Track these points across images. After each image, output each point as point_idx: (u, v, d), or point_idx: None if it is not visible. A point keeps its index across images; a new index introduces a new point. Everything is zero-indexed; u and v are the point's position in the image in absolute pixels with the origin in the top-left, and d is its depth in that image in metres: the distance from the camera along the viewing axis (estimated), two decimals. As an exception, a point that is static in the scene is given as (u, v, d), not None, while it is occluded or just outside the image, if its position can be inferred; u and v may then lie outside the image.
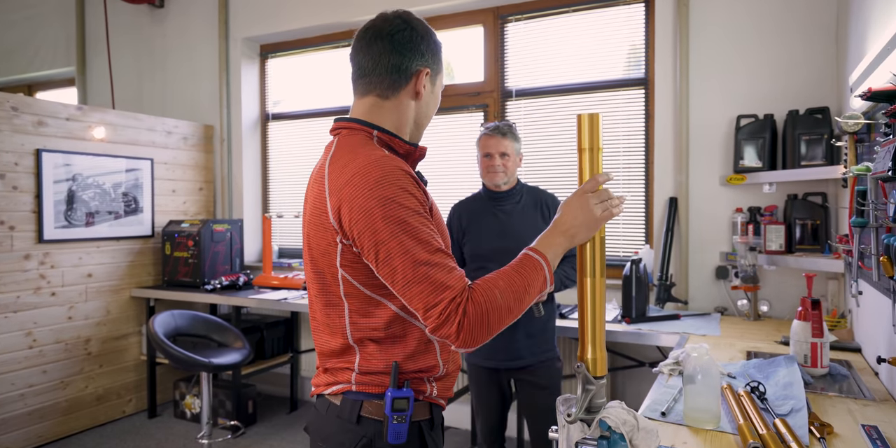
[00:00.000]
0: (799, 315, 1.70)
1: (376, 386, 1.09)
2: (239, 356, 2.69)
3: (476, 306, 0.95)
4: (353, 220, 1.00)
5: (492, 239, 2.13)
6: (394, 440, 1.06)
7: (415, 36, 1.14)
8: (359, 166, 1.02)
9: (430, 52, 1.16)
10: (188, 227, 3.68)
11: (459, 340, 0.95)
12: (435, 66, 1.18)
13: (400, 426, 1.06)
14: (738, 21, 2.75)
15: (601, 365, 1.02)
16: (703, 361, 1.31)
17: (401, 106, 1.15)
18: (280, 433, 3.36)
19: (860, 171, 1.53)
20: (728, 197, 2.77)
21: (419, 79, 1.15)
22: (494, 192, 2.18)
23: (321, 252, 1.08)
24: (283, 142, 4.19)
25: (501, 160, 2.11)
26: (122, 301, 3.61)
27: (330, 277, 1.09)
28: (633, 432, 0.97)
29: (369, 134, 1.12)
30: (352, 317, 1.09)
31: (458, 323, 0.94)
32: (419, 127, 1.21)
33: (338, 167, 1.05)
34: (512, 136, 2.14)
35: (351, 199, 1.00)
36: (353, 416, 1.09)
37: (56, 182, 3.24)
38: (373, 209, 0.98)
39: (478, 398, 2.26)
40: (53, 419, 3.24)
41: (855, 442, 1.21)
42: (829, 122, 2.45)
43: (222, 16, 4.11)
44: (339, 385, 1.11)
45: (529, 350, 2.12)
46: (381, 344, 1.09)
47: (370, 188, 0.99)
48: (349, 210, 1.00)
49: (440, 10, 3.47)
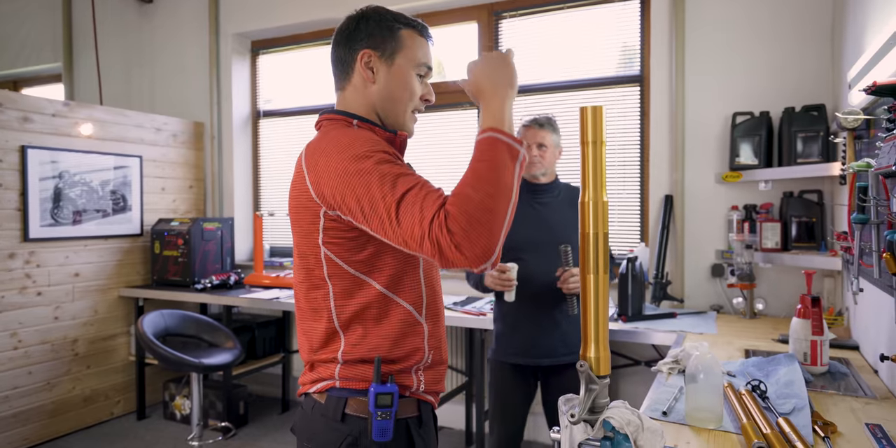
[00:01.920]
0: (798, 313, 1.69)
1: (360, 381, 1.07)
2: (230, 356, 2.65)
3: (454, 219, 0.88)
4: (333, 186, 1.00)
5: (526, 230, 2.09)
6: (378, 438, 1.04)
7: (358, 24, 1.16)
8: (329, 139, 1.05)
9: (374, 33, 1.15)
10: (178, 226, 3.62)
11: (466, 258, 0.89)
12: (384, 45, 1.15)
13: (385, 423, 1.04)
14: (734, 18, 2.74)
15: (604, 364, 0.99)
16: (705, 360, 1.29)
17: (355, 93, 1.16)
18: (272, 434, 3.31)
19: (861, 168, 1.51)
20: (724, 194, 2.76)
21: (360, 61, 1.14)
22: (533, 184, 2.16)
23: (304, 234, 1.09)
24: (274, 139, 4.14)
25: (538, 151, 2.10)
26: (110, 301, 3.55)
27: (313, 260, 1.08)
28: (637, 433, 0.94)
29: (349, 123, 1.14)
30: (336, 299, 1.08)
31: (450, 245, 0.88)
32: (388, 112, 1.16)
33: (311, 147, 1.08)
34: (550, 127, 2.13)
35: (326, 167, 1.01)
36: (337, 413, 1.07)
37: (42, 179, 3.17)
38: (346, 168, 0.98)
39: (502, 400, 2.16)
40: (39, 421, 3.18)
41: (860, 441, 1.19)
42: (826, 119, 2.44)
43: (213, 11, 4.06)
44: (324, 382, 1.10)
45: (564, 348, 2.08)
46: (365, 326, 1.08)
47: (340, 151, 1.01)
48: (327, 178, 1.01)
49: (434, 7, 3.43)
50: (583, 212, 1.04)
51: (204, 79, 4.13)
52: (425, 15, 3.46)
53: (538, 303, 2.06)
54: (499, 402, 2.18)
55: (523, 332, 2.09)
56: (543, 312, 2.07)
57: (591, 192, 1.02)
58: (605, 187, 1.03)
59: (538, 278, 2.04)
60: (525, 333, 2.09)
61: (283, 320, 3.73)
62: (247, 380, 3.82)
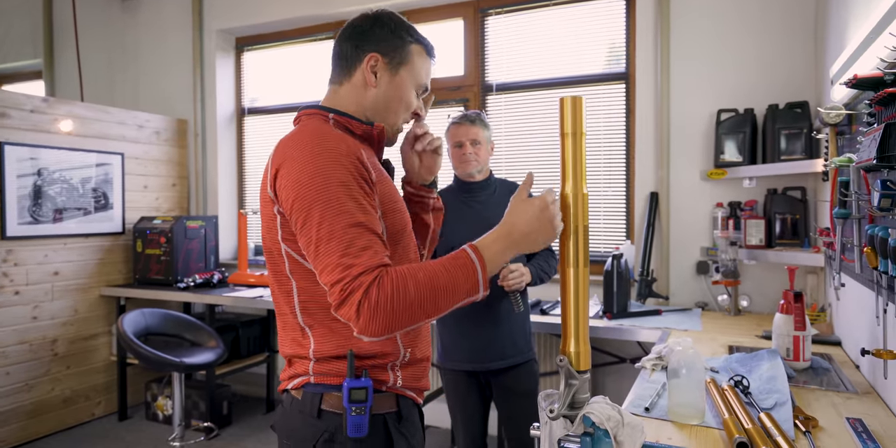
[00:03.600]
0: (781, 308, 1.69)
1: (335, 376, 1.05)
2: (212, 355, 2.61)
3: (382, 292, 0.89)
4: (283, 186, 1.00)
5: (464, 230, 2.01)
6: (353, 433, 1.02)
7: (373, 25, 1.14)
8: (299, 138, 1.03)
9: (387, 40, 1.14)
10: (160, 224, 3.57)
11: (359, 324, 0.90)
12: (393, 54, 1.14)
13: (359, 418, 1.02)
14: (718, 16, 2.75)
15: (584, 359, 0.98)
16: (688, 355, 1.28)
17: (352, 92, 1.15)
18: (256, 434, 3.28)
19: (842, 163, 1.51)
20: (708, 192, 2.77)
21: (366, 63, 1.13)
22: (468, 183, 2.09)
23: (266, 229, 1.08)
24: (259, 137, 4.10)
25: (473, 148, 2.03)
26: (90, 300, 3.49)
27: (277, 256, 1.07)
28: (617, 428, 0.93)
29: (325, 117, 1.12)
30: (300, 295, 1.06)
31: (357, 303, 0.89)
32: (378, 118, 1.16)
33: (281, 143, 1.06)
34: (481, 123, 2.06)
35: (287, 166, 1.00)
36: (314, 409, 1.05)
37: (20, 176, 3.11)
38: (301, 176, 0.97)
39: (461, 408, 2.12)
40: (17, 423, 3.12)
41: (840, 435, 1.19)
42: (809, 116, 2.45)
43: (196, 7, 4.01)
44: (300, 377, 1.08)
45: (512, 349, 2.03)
46: (332, 325, 1.05)
47: (304, 156, 0.99)
48: (283, 177, 1.00)
49: (420, 3, 3.41)
50: (563, 204, 1.03)
51: (188, 76, 4.08)
52: (411, 11, 3.44)
53: (482, 304, 1.92)
54: (458, 410, 2.13)
55: (470, 338, 2.02)
56: (488, 314, 2.00)
57: (571, 184, 1.00)
58: (585, 179, 1.02)
59: None
60: (472, 338, 2.02)
61: (268, 319, 3.69)
62: (230, 379, 3.78)
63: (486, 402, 2.15)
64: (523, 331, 2.08)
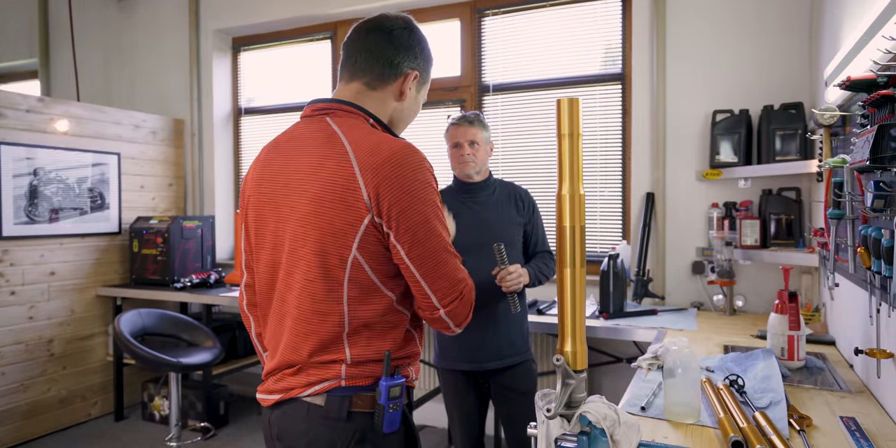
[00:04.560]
0: (776, 308, 1.70)
1: (366, 378, 1.06)
2: (209, 355, 2.61)
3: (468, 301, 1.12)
4: (394, 199, 1.01)
5: (467, 232, 2.02)
6: (389, 429, 1.05)
7: (412, 38, 1.16)
8: (395, 148, 1.04)
9: (422, 58, 1.19)
10: (157, 224, 3.57)
11: (462, 327, 1.13)
12: (424, 73, 1.20)
13: (395, 414, 1.05)
14: (714, 17, 2.76)
15: (581, 358, 0.99)
16: (683, 355, 1.29)
17: (384, 100, 1.16)
18: (252, 434, 3.28)
19: (836, 164, 1.53)
20: (704, 192, 2.78)
21: (407, 79, 1.15)
22: (467, 184, 2.09)
23: (334, 232, 1.02)
24: (256, 137, 4.09)
25: (471, 149, 2.04)
26: (87, 300, 3.49)
27: (337, 261, 1.03)
28: (614, 427, 0.94)
29: (366, 119, 1.12)
30: (350, 304, 1.05)
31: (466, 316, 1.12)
32: (395, 128, 1.20)
33: (366, 146, 1.04)
34: (480, 124, 2.07)
35: (392, 178, 1.01)
36: (342, 413, 1.05)
37: (16, 176, 3.11)
38: (416, 191, 1.02)
39: (458, 407, 2.12)
40: (13, 423, 3.11)
41: (834, 434, 1.20)
42: (804, 117, 2.47)
43: (192, 7, 4.00)
44: (325, 382, 1.05)
45: (510, 349, 2.04)
46: (374, 332, 1.07)
47: (412, 170, 1.03)
48: (390, 188, 1.01)
49: (417, 4, 3.42)
50: (560, 205, 1.04)
51: (184, 76, 4.08)
52: (409, 12, 3.43)
53: (480, 305, 1.90)
54: (455, 409, 2.13)
55: (468, 338, 2.01)
56: (486, 314, 2.00)
57: (568, 184, 1.01)
58: (582, 180, 1.03)
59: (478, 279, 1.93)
60: (469, 338, 2.01)
61: (265, 319, 3.69)
62: (227, 379, 3.78)
63: (483, 402, 2.15)
64: (520, 331, 2.09)
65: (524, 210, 2.11)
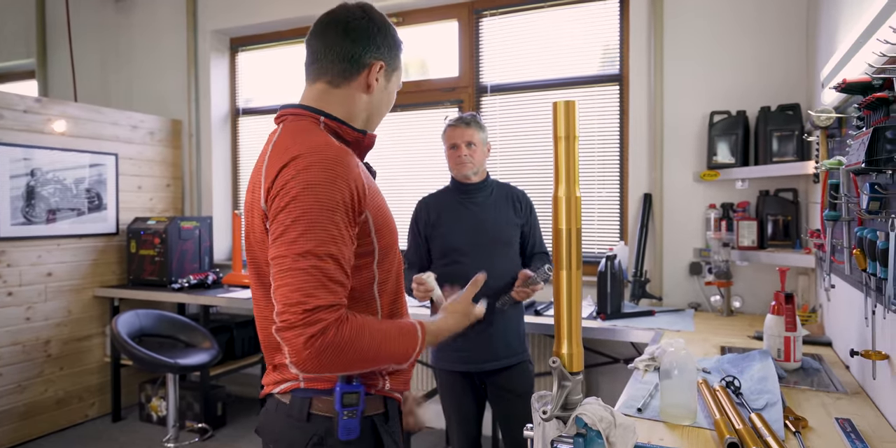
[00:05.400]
0: (772, 309, 1.70)
1: (325, 381, 1.05)
2: (207, 356, 2.61)
3: (339, 335, 0.90)
4: (272, 198, 0.98)
5: (465, 233, 2.04)
6: (345, 436, 1.03)
7: (371, 27, 1.11)
8: (299, 149, 0.99)
9: (385, 46, 1.13)
10: (154, 225, 3.56)
11: (300, 356, 0.89)
12: (391, 61, 1.15)
13: (351, 422, 1.03)
14: (711, 18, 2.77)
15: (577, 360, 0.99)
16: (680, 356, 1.30)
17: (350, 96, 1.12)
18: (250, 435, 3.27)
19: (832, 166, 1.53)
20: (701, 193, 2.79)
21: (371, 71, 1.11)
22: (465, 185, 2.10)
23: (256, 240, 1.05)
24: (254, 137, 4.09)
25: (468, 150, 2.04)
26: (84, 301, 3.48)
27: (265, 267, 1.04)
28: (610, 429, 0.94)
29: (316, 120, 1.09)
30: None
31: (310, 336, 0.88)
32: (369, 122, 1.17)
33: (278, 152, 1.02)
34: (476, 125, 2.07)
35: (280, 179, 0.97)
36: (302, 413, 1.05)
37: (13, 177, 3.10)
38: (291, 191, 0.95)
39: (455, 408, 2.11)
40: (10, 424, 3.11)
41: (829, 435, 1.21)
42: (800, 118, 2.47)
43: (190, 7, 4.00)
44: (288, 382, 1.07)
45: (506, 350, 2.03)
46: None
47: (299, 170, 0.96)
48: (275, 190, 0.97)
49: (414, 5, 3.41)
50: (556, 207, 1.04)
51: (182, 76, 4.07)
52: (406, 13, 3.45)
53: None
54: (452, 411, 2.12)
55: (464, 338, 1.92)
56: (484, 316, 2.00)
57: (564, 187, 1.01)
58: (578, 182, 1.03)
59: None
60: (466, 338, 1.87)
61: (263, 320, 3.69)
62: (225, 380, 3.77)
63: (480, 403, 2.15)
64: (517, 332, 2.09)
65: (522, 211, 2.12)
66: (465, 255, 2.02)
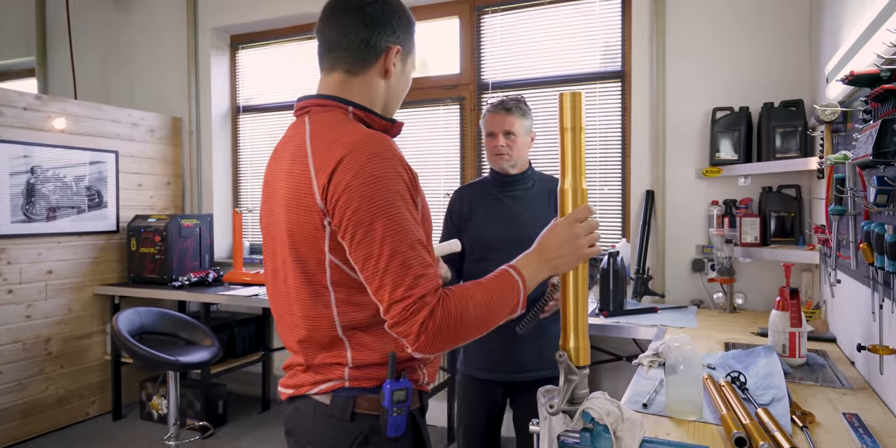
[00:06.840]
0: (777, 305, 1.69)
1: (370, 380, 1.03)
2: (208, 354, 2.60)
3: (446, 312, 0.91)
4: (335, 197, 0.94)
5: (498, 227, 1.88)
6: (393, 433, 1.02)
7: (387, 10, 1.08)
8: (350, 142, 0.96)
9: (401, 29, 1.10)
10: (155, 223, 3.55)
11: (418, 342, 0.90)
12: (407, 44, 1.12)
13: (399, 418, 1.02)
14: (714, 14, 2.75)
15: (584, 354, 0.98)
16: (685, 352, 1.29)
17: (370, 83, 1.09)
18: (251, 433, 3.27)
19: (838, 160, 1.52)
20: (704, 190, 2.77)
21: (389, 56, 1.08)
22: (503, 177, 1.92)
23: (305, 238, 1.00)
24: (254, 135, 4.08)
25: (506, 140, 1.85)
26: (84, 299, 3.47)
27: (315, 265, 1.01)
28: (617, 423, 0.93)
29: (344, 110, 1.06)
30: (339, 306, 1.02)
31: (421, 323, 0.89)
32: (388, 107, 1.15)
33: (323, 144, 0.98)
34: (519, 111, 1.87)
35: (340, 176, 0.94)
36: (345, 413, 1.03)
37: (13, 174, 3.09)
38: (359, 187, 0.92)
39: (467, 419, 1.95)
40: (10, 422, 3.10)
41: (837, 430, 1.20)
42: (804, 114, 2.46)
43: (191, 5, 3.99)
44: (330, 382, 1.04)
45: (540, 362, 1.85)
46: (371, 333, 1.03)
47: (361, 165, 0.93)
48: (334, 187, 0.94)
49: (415, 2, 3.40)
50: (562, 199, 1.03)
51: (182, 74, 4.06)
52: (407, 9, 3.43)
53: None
54: (463, 422, 1.98)
55: (496, 344, 1.82)
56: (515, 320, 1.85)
57: (571, 179, 1.01)
58: (585, 174, 1.02)
59: None
60: (497, 345, 1.83)
61: (263, 318, 3.68)
62: (226, 378, 3.76)
63: (497, 419, 1.96)
64: (552, 345, 1.82)
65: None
66: (496, 251, 1.83)
